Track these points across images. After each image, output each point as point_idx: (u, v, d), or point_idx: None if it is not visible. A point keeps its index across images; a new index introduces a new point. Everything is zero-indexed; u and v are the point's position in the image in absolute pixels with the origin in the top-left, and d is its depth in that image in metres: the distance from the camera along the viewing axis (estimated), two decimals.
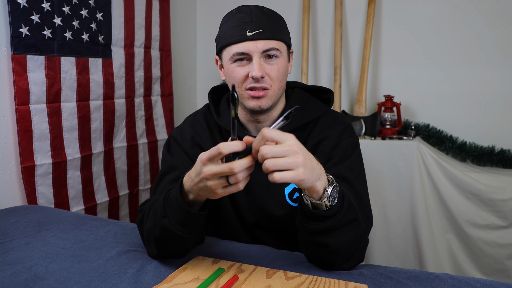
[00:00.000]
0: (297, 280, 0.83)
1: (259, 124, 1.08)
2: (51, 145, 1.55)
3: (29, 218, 1.20)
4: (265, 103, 1.01)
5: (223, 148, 0.72)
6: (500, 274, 1.82)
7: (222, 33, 1.02)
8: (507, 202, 1.78)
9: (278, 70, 1.00)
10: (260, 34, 0.97)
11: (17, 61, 1.42)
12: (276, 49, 0.99)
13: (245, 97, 1.01)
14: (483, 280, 0.82)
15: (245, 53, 0.98)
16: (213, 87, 1.19)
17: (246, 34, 0.97)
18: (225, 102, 1.14)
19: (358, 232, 0.86)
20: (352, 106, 2.28)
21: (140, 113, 2.03)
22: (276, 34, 1.00)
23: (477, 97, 2.07)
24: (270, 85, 1.00)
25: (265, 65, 0.99)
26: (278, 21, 1.02)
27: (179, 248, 0.89)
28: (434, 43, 2.12)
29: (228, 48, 1.00)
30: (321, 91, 1.16)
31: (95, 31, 1.71)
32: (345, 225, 0.83)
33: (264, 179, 1.08)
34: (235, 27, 0.99)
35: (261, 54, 0.98)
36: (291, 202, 1.07)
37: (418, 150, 1.91)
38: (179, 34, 2.37)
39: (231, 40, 0.99)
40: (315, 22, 2.33)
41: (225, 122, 1.09)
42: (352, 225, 0.84)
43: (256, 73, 0.97)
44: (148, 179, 2.10)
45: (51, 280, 0.83)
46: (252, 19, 0.98)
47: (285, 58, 1.03)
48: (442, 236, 1.91)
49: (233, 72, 1.00)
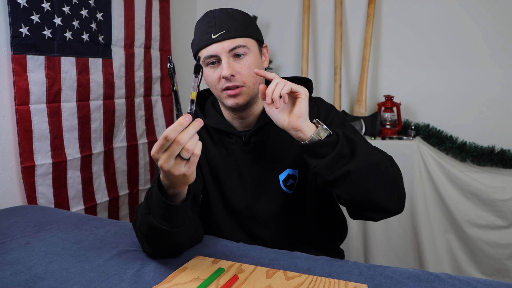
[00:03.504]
0: (297, 280, 0.83)
1: (243, 120, 1.10)
2: (51, 145, 1.55)
3: (29, 218, 1.20)
4: (242, 100, 1.03)
5: (171, 134, 0.72)
6: (500, 274, 1.82)
7: (194, 40, 1.07)
8: (507, 202, 1.78)
9: (248, 67, 1.02)
10: (224, 34, 1.00)
11: (17, 61, 1.42)
12: (242, 46, 1.01)
13: (223, 97, 1.04)
14: (483, 280, 0.82)
15: (214, 55, 1.01)
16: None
17: (212, 37, 1.00)
18: (210, 103, 1.17)
19: (375, 159, 0.91)
20: (352, 106, 2.28)
21: (140, 113, 2.03)
22: (241, 32, 1.02)
23: (477, 97, 2.07)
24: (243, 83, 1.02)
25: (235, 64, 1.01)
26: (242, 20, 1.04)
27: (169, 244, 0.90)
28: (434, 43, 2.12)
29: (199, 53, 1.04)
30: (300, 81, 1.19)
31: (95, 31, 1.71)
32: (354, 150, 0.90)
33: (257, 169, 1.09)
34: (202, 33, 1.03)
35: (229, 54, 1.01)
36: (286, 188, 1.10)
37: (418, 150, 1.91)
38: (179, 34, 2.37)
39: (200, 45, 1.02)
40: (315, 22, 2.33)
41: (212, 121, 1.12)
42: (362, 150, 0.90)
43: (225, 72, 0.99)
44: (148, 179, 2.10)
45: (51, 280, 0.83)
46: (216, 22, 1.01)
47: (255, 53, 1.04)
48: (442, 236, 1.91)
49: (208, 77, 1.04)
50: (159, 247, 0.90)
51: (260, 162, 1.10)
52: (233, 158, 1.11)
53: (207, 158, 1.13)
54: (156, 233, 0.86)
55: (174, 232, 0.85)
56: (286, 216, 1.13)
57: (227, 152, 1.11)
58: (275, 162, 1.10)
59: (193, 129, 0.73)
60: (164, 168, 0.74)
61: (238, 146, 1.10)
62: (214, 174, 1.14)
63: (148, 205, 0.86)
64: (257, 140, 1.09)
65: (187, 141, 0.73)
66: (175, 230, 0.85)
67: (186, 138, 0.72)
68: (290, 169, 1.11)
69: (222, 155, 1.12)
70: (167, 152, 0.73)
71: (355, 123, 2.08)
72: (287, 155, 1.11)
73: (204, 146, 1.13)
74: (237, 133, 1.10)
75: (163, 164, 0.74)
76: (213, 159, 1.13)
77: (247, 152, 1.10)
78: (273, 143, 1.11)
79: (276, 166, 1.10)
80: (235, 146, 1.11)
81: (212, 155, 1.13)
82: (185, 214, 0.86)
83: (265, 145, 1.10)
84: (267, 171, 1.11)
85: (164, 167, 0.74)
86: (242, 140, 1.10)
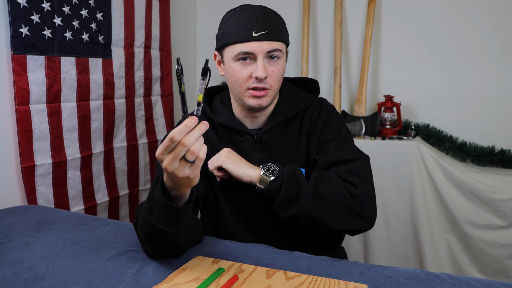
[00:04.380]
0: (297, 280, 0.83)
1: (255, 119, 1.12)
2: (51, 145, 1.55)
3: (29, 218, 1.20)
4: (265, 102, 1.05)
5: (176, 136, 0.71)
6: (500, 274, 1.82)
7: (226, 31, 1.04)
8: (507, 202, 1.78)
9: (279, 71, 1.04)
10: (265, 35, 1.00)
11: (17, 61, 1.42)
12: (279, 50, 1.03)
13: (245, 95, 1.04)
14: (483, 280, 0.82)
15: (251, 53, 1.01)
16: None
17: (252, 35, 1.00)
18: (218, 100, 1.17)
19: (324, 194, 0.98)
20: (352, 106, 2.28)
21: (140, 113, 2.03)
22: (280, 36, 1.03)
23: (477, 97, 2.07)
24: (270, 86, 1.04)
25: (268, 66, 1.02)
26: (280, 22, 1.06)
27: (170, 245, 0.89)
28: (434, 43, 2.12)
29: (232, 46, 1.02)
30: (306, 82, 1.22)
31: (95, 31, 1.71)
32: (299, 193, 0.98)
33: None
34: (240, 26, 1.01)
35: (265, 55, 1.01)
36: None
37: (418, 150, 1.91)
38: (179, 34, 2.37)
39: (237, 39, 1.01)
40: (315, 22, 2.33)
41: (223, 119, 1.12)
42: (307, 191, 0.97)
43: (261, 74, 1.00)
44: (148, 179, 2.10)
45: (51, 280, 0.83)
46: (258, 19, 1.00)
47: (284, 58, 1.07)
48: (442, 236, 1.91)
49: (235, 72, 1.03)
50: (160, 248, 0.90)
51: (270, 161, 1.11)
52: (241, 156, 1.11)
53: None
54: (157, 235, 0.86)
55: (176, 234, 0.85)
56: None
57: (235, 150, 1.11)
58: (284, 160, 1.11)
59: (198, 131, 0.73)
60: (168, 170, 0.74)
61: (248, 144, 1.11)
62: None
63: (151, 206, 0.86)
64: (269, 138, 1.10)
65: (192, 144, 0.72)
66: (177, 232, 0.85)
67: (191, 141, 0.72)
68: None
69: None
70: (172, 153, 0.73)
71: (355, 123, 2.08)
72: (295, 153, 1.12)
73: (210, 144, 1.14)
74: (248, 131, 1.11)
75: (167, 166, 0.74)
76: None
77: (257, 150, 1.11)
78: (284, 142, 1.12)
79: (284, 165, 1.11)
80: (245, 144, 1.11)
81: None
82: (187, 216, 0.86)
83: (276, 144, 1.11)
84: None
85: (168, 168, 0.74)
86: (253, 138, 1.10)
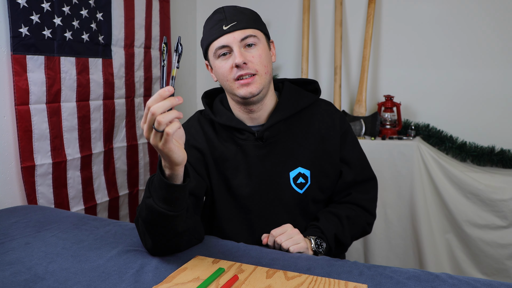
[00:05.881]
0: (297, 280, 0.83)
1: (253, 114, 1.12)
2: (51, 145, 1.55)
3: (29, 218, 1.20)
4: (255, 88, 1.05)
5: (149, 103, 0.75)
6: (500, 274, 1.82)
7: (204, 36, 1.10)
8: (507, 202, 1.78)
9: (259, 56, 1.05)
10: (235, 26, 1.04)
11: (17, 61, 1.42)
12: (252, 36, 1.05)
13: (234, 87, 1.06)
14: (483, 280, 0.82)
15: (225, 46, 1.04)
16: (205, 91, 1.25)
17: (223, 29, 1.04)
18: (218, 102, 1.19)
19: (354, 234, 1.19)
20: (352, 106, 2.28)
21: (140, 113, 2.03)
22: (251, 24, 1.06)
23: (477, 97, 2.07)
24: (255, 70, 1.05)
25: (246, 53, 1.05)
26: (250, 14, 1.09)
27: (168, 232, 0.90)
28: (434, 43, 2.12)
29: (210, 46, 1.07)
30: (306, 83, 1.23)
31: (95, 31, 1.71)
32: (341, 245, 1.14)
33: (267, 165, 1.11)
34: (213, 27, 1.06)
35: (240, 44, 1.04)
36: (296, 187, 1.12)
37: (418, 150, 1.91)
38: (179, 34, 2.37)
39: (212, 37, 1.06)
40: (315, 22, 2.33)
41: (224, 119, 1.13)
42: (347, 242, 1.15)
43: (238, 59, 1.02)
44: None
45: (51, 280, 0.83)
46: (226, 15, 1.05)
47: (264, 45, 1.09)
48: (442, 236, 1.91)
49: (219, 68, 1.06)
50: (158, 236, 0.90)
51: (271, 158, 1.11)
52: (243, 155, 1.12)
53: (213, 157, 1.13)
54: (154, 217, 0.87)
55: (172, 217, 0.86)
56: (292, 213, 1.14)
57: (236, 149, 1.12)
58: (286, 158, 1.12)
59: (168, 102, 0.75)
60: (146, 138, 0.79)
61: (250, 142, 1.11)
62: (221, 172, 1.14)
63: (149, 189, 0.88)
64: (270, 135, 1.11)
65: (159, 113, 0.74)
66: (173, 214, 0.86)
67: (158, 110, 0.74)
68: (302, 168, 1.12)
69: (231, 152, 1.13)
70: (147, 122, 0.77)
71: (355, 123, 2.08)
72: (300, 154, 1.12)
73: (211, 145, 1.14)
74: (249, 129, 1.11)
75: (145, 134, 0.78)
76: (221, 157, 1.13)
77: (259, 147, 1.11)
78: (286, 140, 1.12)
79: (287, 163, 1.11)
80: (246, 142, 1.11)
81: (219, 153, 1.13)
82: (184, 198, 0.87)
83: (277, 141, 1.12)
84: (278, 167, 1.12)
85: (146, 136, 0.78)
86: (254, 135, 1.11)
